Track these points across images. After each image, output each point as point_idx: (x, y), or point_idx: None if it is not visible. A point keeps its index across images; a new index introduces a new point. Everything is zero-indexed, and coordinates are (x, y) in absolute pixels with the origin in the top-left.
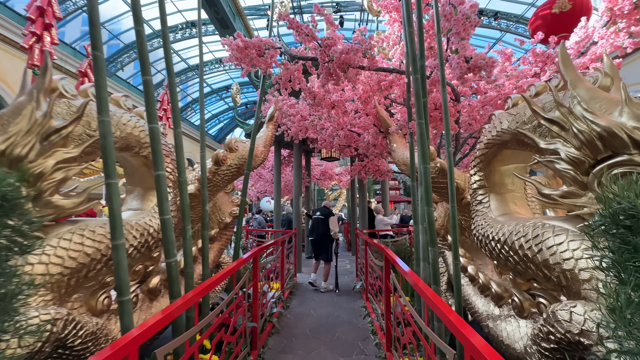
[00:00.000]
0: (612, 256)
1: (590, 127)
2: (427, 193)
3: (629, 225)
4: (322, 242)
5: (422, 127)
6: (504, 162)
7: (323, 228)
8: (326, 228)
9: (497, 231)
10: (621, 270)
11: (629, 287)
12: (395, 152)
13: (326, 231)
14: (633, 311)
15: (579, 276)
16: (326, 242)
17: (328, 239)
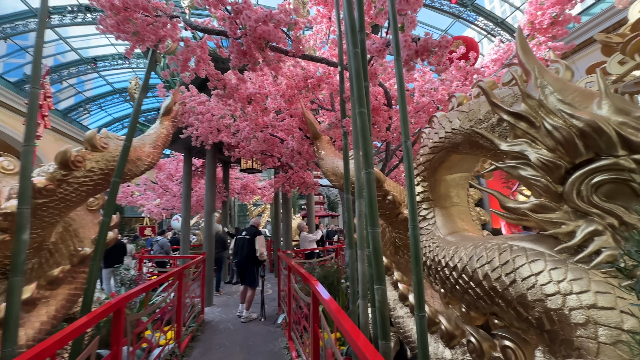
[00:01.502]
0: None
1: (568, 123)
2: (372, 208)
3: None
4: (247, 264)
5: (363, 119)
6: (450, 171)
7: (248, 249)
8: (252, 249)
9: (452, 255)
10: None
11: None
12: (324, 161)
13: (252, 252)
14: None
15: (570, 319)
16: (251, 265)
17: (254, 261)
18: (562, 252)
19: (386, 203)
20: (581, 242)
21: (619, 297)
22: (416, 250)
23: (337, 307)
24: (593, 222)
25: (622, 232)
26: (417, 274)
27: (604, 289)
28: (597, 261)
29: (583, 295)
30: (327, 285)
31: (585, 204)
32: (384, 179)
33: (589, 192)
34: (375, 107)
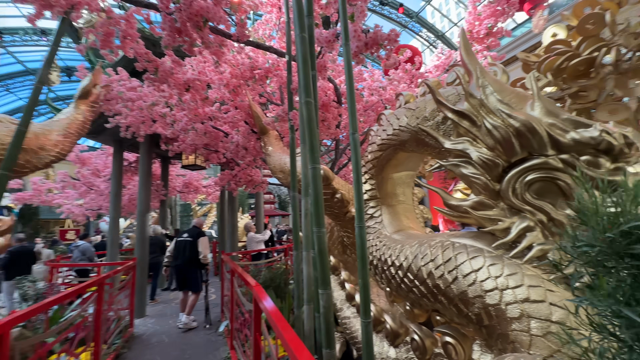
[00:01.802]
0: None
1: (506, 122)
2: (317, 207)
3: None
4: (189, 269)
5: (310, 109)
6: (397, 168)
7: (191, 252)
8: (194, 252)
9: (398, 254)
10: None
11: None
12: (272, 157)
13: (194, 255)
14: None
15: (507, 313)
16: (194, 269)
17: (196, 265)
18: (498, 248)
19: (334, 201)
20: (515, 238)
21: (548, 290)
22: (363, 251)
23: (278, 316)
24: (525, 219)
25: (550, 227)
26: (364, 277)
27: (536, 282)
28: (529, 256)
29: (518, 290)
30: (274, 288)
31: (519, 201)
32: (333, 177)
33: (523, 189)
34: (325, 103)
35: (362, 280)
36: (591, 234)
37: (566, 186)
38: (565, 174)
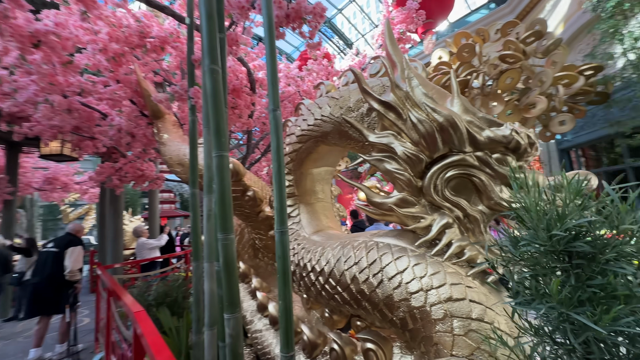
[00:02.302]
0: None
1: (430, 117)
2: (224, 206)
3: (590, 252)
4: (50, 288)
5: (216, 80)
6: (317, 163)
7: (53, 267)
8: (59, 266)
9: (318, 258)
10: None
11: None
12: (167, 147)
13: (58, 271)
14: None
15: (431, 315)
16: (57, 288)
17: (62, 283)
18: (421, 247)
19: (246, 200)
20: (436, 235)
21: (468, 287)
22: (284, 263)
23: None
24: (445, 215)
25: (465, 223)
26: (286, 298)
27: (457, 280)
28: (449, 253)
29: (441, 289)
30: (170, 304)
31: (439, 198)
32: (244, 172)
33: (443, 186)
34: (236, 88)
35: (284, 303)
36: (534, 233)
37: (480, 183)
38: (480, 171)
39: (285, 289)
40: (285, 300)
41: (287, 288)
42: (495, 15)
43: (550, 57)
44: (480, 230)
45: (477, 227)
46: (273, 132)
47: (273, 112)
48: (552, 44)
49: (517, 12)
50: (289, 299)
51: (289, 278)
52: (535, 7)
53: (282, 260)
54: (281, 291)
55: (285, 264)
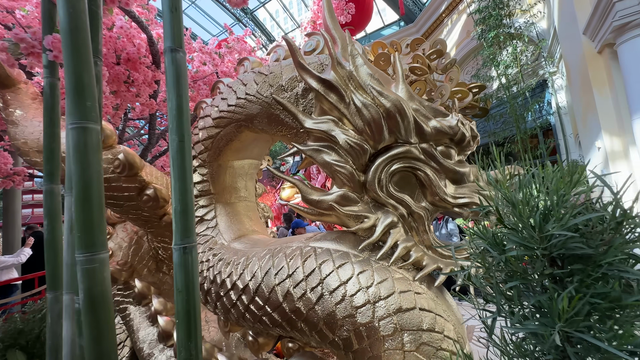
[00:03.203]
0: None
1: (377, 101)
2: (87, 209)
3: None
4: None
5: (75, 8)
6: (239, 154)
7: None
8: None
9: (241, 271)
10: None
11: None
12: (21, 127)
13: None
14: None
15: (380, 331)
16: None
17: None
18: (364, 250)
19: (144, 200)
20: (381, 237)
21: (417, 293)
22: (188, 302)
23: None
24: (389, 214)
25: (410, 222)
26: (191, 356)
27: (405, 286)
28: (395, 256)
29: (390, 299)
30: (26, 346)
31: (384, 194)
32: (141, 165)
33: (387, 180)
34: (132, 57)
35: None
36: (520, 233)
37: (425, 177)
38: (425, 164)
39: (190, 342)
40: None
41: (194, 341)
42: (405, 32)
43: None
44: (425, 229)
45: (421, 226)
46: (171, 85)
47: (171, 54)
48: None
49: (422, 31)
50: (197, 356)
51: (196, 324)
52: (436, 30)
53: (185, 297)
54: (183, 344)
55: (189, 302)
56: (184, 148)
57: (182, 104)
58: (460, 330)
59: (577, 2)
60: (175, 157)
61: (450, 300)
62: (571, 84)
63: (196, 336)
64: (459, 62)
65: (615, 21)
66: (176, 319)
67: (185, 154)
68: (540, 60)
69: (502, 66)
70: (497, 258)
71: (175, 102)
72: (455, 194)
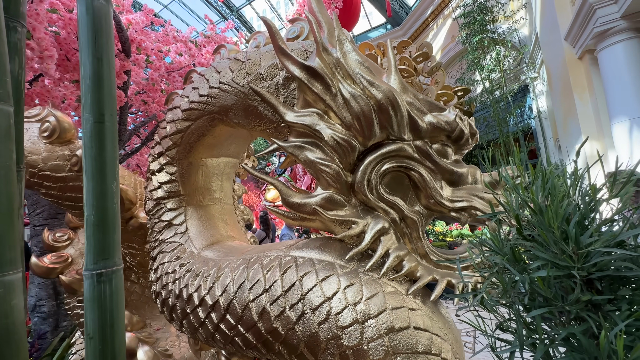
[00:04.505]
0: None
1: (367, 92)
2: None
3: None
4: None
5: None
6: (213, 151)
7: None
8: None
9: (211, 284)
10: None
11: None
12: None
13: None
14: None
15: (369, 355)
16: None
17: None
18: (351, 260)
19: None
20: (370, 245)
21: (410, 310)
22: None
23: None
24: (379, 219)
25: (402, 228)
26: None
27: (397, 302)
28: (387, 267)
29: (381, 318)
30: None
31: (374, 197)
32: None
33: (378, 182)
34: None
35: None
36: (550, 249)
37: (419, 178)
38: (419, 163)
39: None
40: None
41: None
42: (391, 35)
43: (434, 77)
44: (419, 236)
45: (414, 232)
46: (85, 42)
47: (87, 1)
48: (434, 66)
49: (408, 34)
50: None
51: None
52: (422, 33)
53: (99, 345)
54: None
55: (105, 354)
56: (103, 131)
57: (101, 70)
58: (458, 350)
59: (559, 9)
60: (90, 144)
61: (446, 314)
62: (552, 89)
63: None
64: (444, 66)
65: (596, 27)
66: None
67: (105, 140)
68: (522, 66)
69: (486, 70)
70: (520, 278)
71: (91, 67)
72: (452, 197)
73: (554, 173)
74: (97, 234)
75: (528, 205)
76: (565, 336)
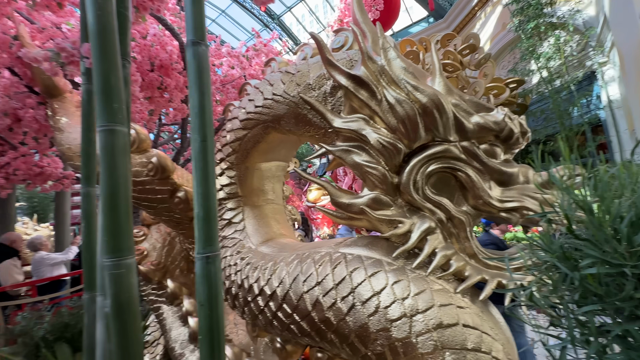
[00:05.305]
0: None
1: (412, 96)
2: (114, 213)
3: None
4: None
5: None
6: (266, 156)
7: None
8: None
9: (269, 276)
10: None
11: None
12: (65, 134)
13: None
14: None
15: (418, 348)
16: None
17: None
18: (398, 258)
19: (175, 202)
20: (417, 244)
21: (459, 307)
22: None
23: None
24: (426, 219)
25: (449, 228)
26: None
27: (445, 299)
28: (434, 265)
29: (429, 313)
30: (72, 339)
31: (420, 197)
32: (173, 168)
33: (423, 182)
34: (165, 64)
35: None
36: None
37: (467, 179)
38: (466, 164)
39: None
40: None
41: (217, 359)
42: (434, 28)
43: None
44: (466, 236)
45: (462, 232)
46: (193, 80)
47: (193, 47)
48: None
49: (452, 27)
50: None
51: (220, 341)
52: (468, 24)
53: (207, 311)
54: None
55: (212, 317)
56: (206, 148)
57: (204, 101)
58: (510, 351)
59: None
60: (198, 158)
61: (498, 316)
62: (625, 74)
63: (220, 353)
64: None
65: None
66: (199, 334)
67: (207, 155)
68: (587, 51)
69: (544, 58)
70: (570, 275)
71: (198, 99)
72: (502, 197)
73: (608, 172)
74: (204, 226)
75: (579, 205)
76: (621, 333)
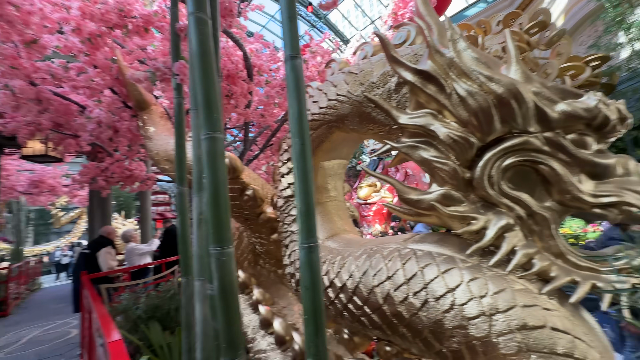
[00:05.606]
0: None
1: (485, 87)
2: (218, 208)
3: None
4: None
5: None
6: (329, 155)
7: (85, 267)
8: (92, 268)
9: (338, 269)
10: None
11: None
12: (154, 141)
13: (89, 271)
14: None
15: (499, 348)
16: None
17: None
18: (472, 256)
19: (244, 200)
20: (493, 241)
21: (546, 310)
22: (315, 299)
23: None
24: (502, 215)
25: (530, 225)
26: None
27: (530, 300)
28: (514, 264)
29: (511, 313)
30: (161, 318)
31: (496, 193)
32: (242, 169)
33: (499, 177)
34: (232, 73)
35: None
36: None
37: (551, 172)
38: (550, 156)
39: (317, 338)
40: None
41: (321, 337)
42: (494, 8)
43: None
44: (550, 234)
45: (545, 229)
46: (292, 90)
47: (291, 61)
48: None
49: (516, 4)
50: (324, 351)
51: (322, 320)
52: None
53: (311, 294)
54: (312, 339)
55: (315, 299)
56: (305, 150)
57: (302, 108)
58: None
59: None
60: (298, 159)
61: (592, 322)
62: None
63: (322, 332)
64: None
65: None
66: (304, 315)
67: (306, 156)
68: None
69: (636, 28)
70: None
71: (297, 107)
72: (595, 192)
73: None
74: (306, 220)
75: None
76: None
